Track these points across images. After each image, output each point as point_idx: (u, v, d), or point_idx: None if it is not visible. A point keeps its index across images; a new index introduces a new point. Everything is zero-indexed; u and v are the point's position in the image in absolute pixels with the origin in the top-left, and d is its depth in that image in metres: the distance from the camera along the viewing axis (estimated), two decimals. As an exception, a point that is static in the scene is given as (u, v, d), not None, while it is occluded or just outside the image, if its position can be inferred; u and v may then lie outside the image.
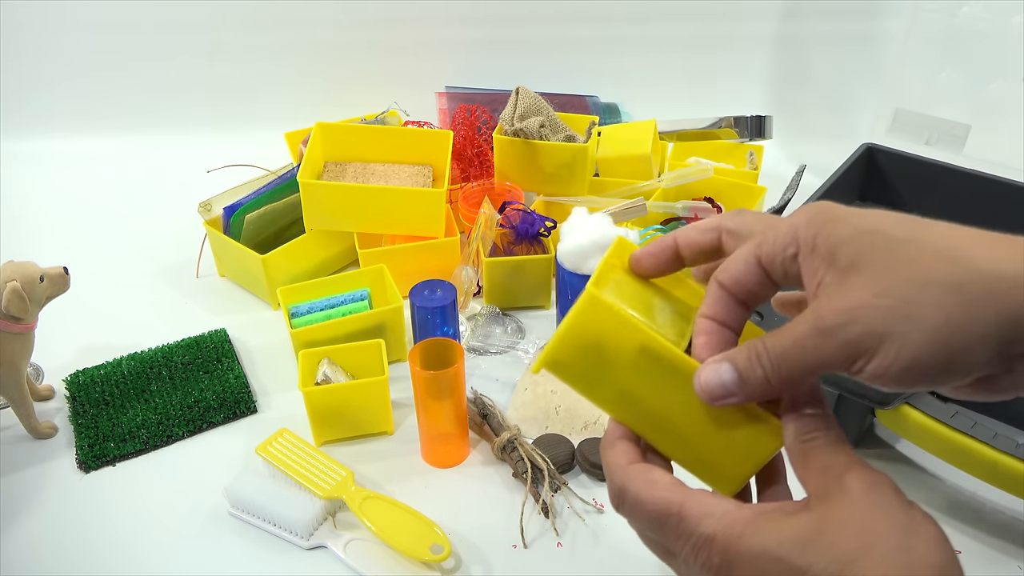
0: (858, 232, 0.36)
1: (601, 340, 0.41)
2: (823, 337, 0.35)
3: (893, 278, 0.34)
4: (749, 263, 0.39)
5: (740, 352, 0.38)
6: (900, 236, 0.35)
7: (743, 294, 0.40)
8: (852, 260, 0.35)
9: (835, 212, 0.37)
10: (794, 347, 0.36)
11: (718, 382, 0.38)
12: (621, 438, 0.42)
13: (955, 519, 0.69)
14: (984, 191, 1.01)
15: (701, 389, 0.38)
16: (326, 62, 1.34)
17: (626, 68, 1.37)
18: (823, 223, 0.37)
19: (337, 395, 0.75)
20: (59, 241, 1.10)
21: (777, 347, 0.36)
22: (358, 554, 0.66)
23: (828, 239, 0.36)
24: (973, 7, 1.13)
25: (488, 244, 0.92)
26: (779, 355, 0.36)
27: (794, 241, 0.37)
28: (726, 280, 0.40)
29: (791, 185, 0.95)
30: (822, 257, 0.36)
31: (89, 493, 0.73)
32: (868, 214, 0.37)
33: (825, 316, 0.35)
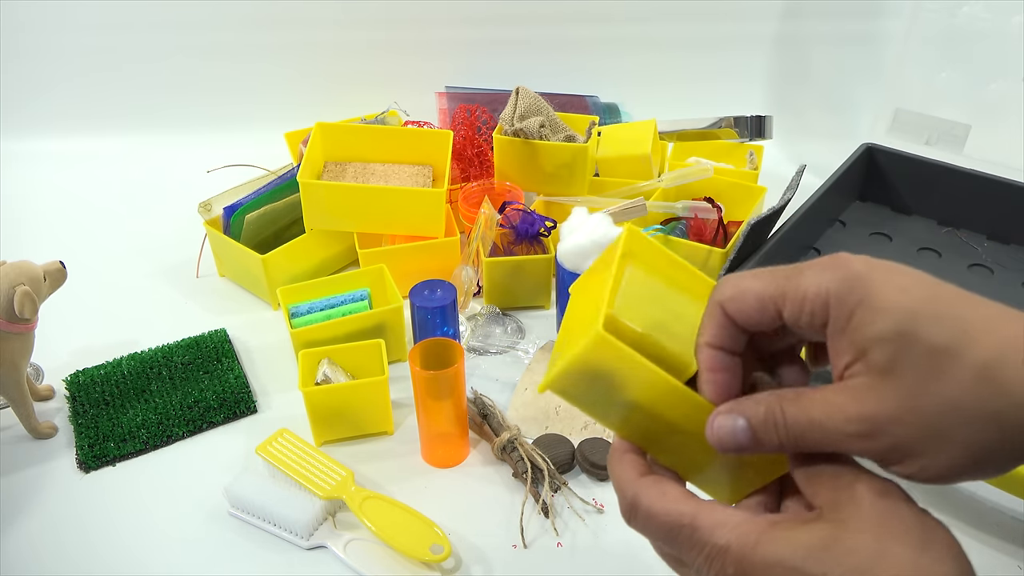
0: (896, 333, 0.33)
1: (608, 373, 0.40)
2: (850, 440, 0.34)
3: (928, 396, 0.33)
4: (765, 306, 0.37)
5: (758, 410, 0.36)
6: (940, 344, 0.32)
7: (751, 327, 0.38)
8: (887, 365, 0.33)
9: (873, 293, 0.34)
10: (816, 431, 0.35)
11: (731, 436, 0.37)
12: (628, 451, 0.41)
13: (955, 519, 0.69)
14: (984, 191, 1.00)
15: (713, 438, 0.37)
16: (326, 62, 1.34)
17: (626, 68, 1.37)
18: (858, 303, 0.34)
19: (337, 395, 0.75)
20: (59, 241, 1.10)
21: (799, 424, 0.35)
22: (358, 554, 0.66)
23: (863, 331, 0.34)
24: (973, 7, 1.13)
25: (488, 244, 0.92)
26: (799, 433, 0.35)
27: (824, 311, 0.35)
28: (732, 310, 0.38)
29: (791, 185, 0.94)
30: (854, 346, 0.34)
31: (89, 493, 0.73)
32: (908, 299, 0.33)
33: (852, 420, 0.34)
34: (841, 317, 0.34)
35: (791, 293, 0.36)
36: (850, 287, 0.34)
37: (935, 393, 0.32)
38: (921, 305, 0.33)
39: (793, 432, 0.35)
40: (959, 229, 1.04)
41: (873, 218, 1.07)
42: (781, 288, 0.36)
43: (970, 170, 1.02)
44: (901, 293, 0.34)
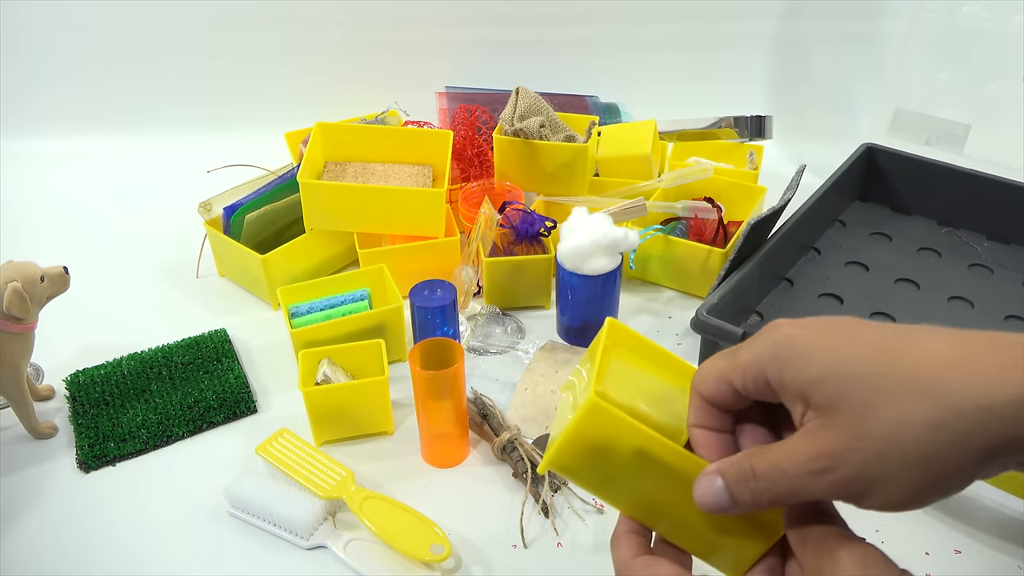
0: (826, 373, 0.35)
1: (605, 443, 0.41)
2: (812, 478, 0.35)
3: (871, 420, 0.34)
4: (721, 385, 0.40)
5: (731, 469, 0.38)
6: (869, 371, 0.35)
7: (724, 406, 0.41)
8: (828, 402, 0.35)
9: (798, 346, 0.37)
10: (784, 479, 0.36)
11: (712, 498, 0.38)
12: (627, 532, 0.43)
13: (955, 519, 0.69)
14: (984, 191, 1.01)
15: (698, 499, 0.39)
16: (326, 62, 1.34)
17: (626, 68, 1.37)
18: (788, 360, 0.37)
19: (337, 395, 0.75)
20: (59, 241, 1.10)
21: (766, 475, 0.37)
22: (358, 554, 0.66)
23: (796, 379, 0.36)
24: (973, 7, 1.13)
25: (488, 244, 0.92)
26: (769, 484, 0.37)
27: (763, 375, 0.38)
28: (704, 393, 0.41)
29: (791, 185, 0.94)
30: (796, 396, 0.36)
31: (89, 493, 0.73)
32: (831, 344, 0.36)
33: (811, 461, 0.35)
34: (776, 376, 0.37)
35: (733, 370, 0.39)
36: (776, 348, 0.37)
37: (878, 418, 0.34)
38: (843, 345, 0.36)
39: (763, 484, 0.37)
40: (959, 229, 1.04)
41: (873, 218, 1.07)
42: (728, 363, 0.40)
43: (970, 170, 1.02)
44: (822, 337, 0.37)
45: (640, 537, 0.43)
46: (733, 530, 0.42)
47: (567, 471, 0.43)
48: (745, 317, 0.90)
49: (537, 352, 0.87)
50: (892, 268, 0.97)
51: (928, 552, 0.66)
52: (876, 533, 0.68)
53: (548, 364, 0.85)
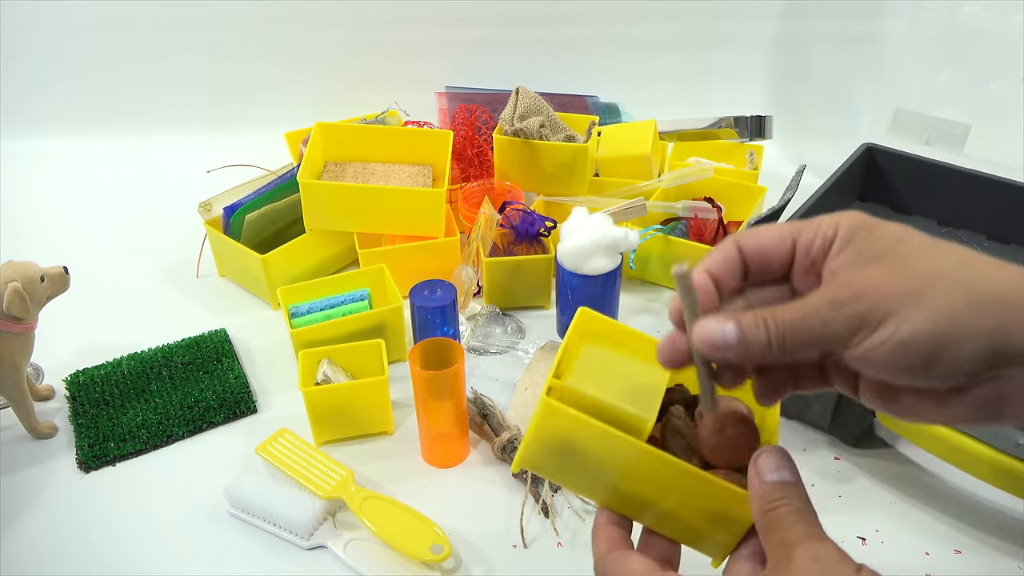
0: (887, 235, 0.39)
1: (566, 440, 0.42)
2: (833, 309, 0.38)
3: (909, 269, 0.37)
4: (783, 238, 0.42)
5: (746, 314, 0.40)
6: (922, 243, 0.39)
7: (756, 265, 0.42)
8: (875, 253, 0.39)
9: (873, 221, 0.41)
10: (804, 318, 0.38)
11: (720, 335, 0.39)
12: (606, 524, 0.44)
13: (955, 519, 0.69)
14: (984, 191, 1.01)
15: (700, 339, 0.40)
16: (326, 62, 1.34)
17: (626, 68, 1.37)
18: (860, 228, 0.40)
19: (337, 395, 0.75)
20: (59, 241, 1.10)
21: (786, 315, 0.39)
22: (358, 554, 0.66)
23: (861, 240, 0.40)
24: (973, 7, 1.13)
25: (488, 244, 0.92)
26: (787, 322, 0.38)
27: (835, 236, 0.40)
28: (748, 245, 0.42)
29: (791, 185, 0.95)
30: (850, 252, 0.39)
31: (89, 493, 0.73)
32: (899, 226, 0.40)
33: (840, 292, 0.38)
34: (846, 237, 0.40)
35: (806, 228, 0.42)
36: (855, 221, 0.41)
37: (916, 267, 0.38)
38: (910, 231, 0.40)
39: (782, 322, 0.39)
40: (959, 229, 1.04)
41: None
42: (797, 226, 0.42)
43: (970, 170, 1.02)
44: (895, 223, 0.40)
45: (619, 529, 0.44)
46: (705, 516, 0.42)
47: (538, 469, 0.44)
48: (745, 317, 0.89)
49: (537, 352, 0.87)
50: (892, 268, 0.97)
51: (928, 552, 0.66)
52: (876, 533, 0.68)
53: (548, 364, 0.85)
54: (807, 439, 0.77)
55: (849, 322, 0.37)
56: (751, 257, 0.42)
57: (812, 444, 0.76)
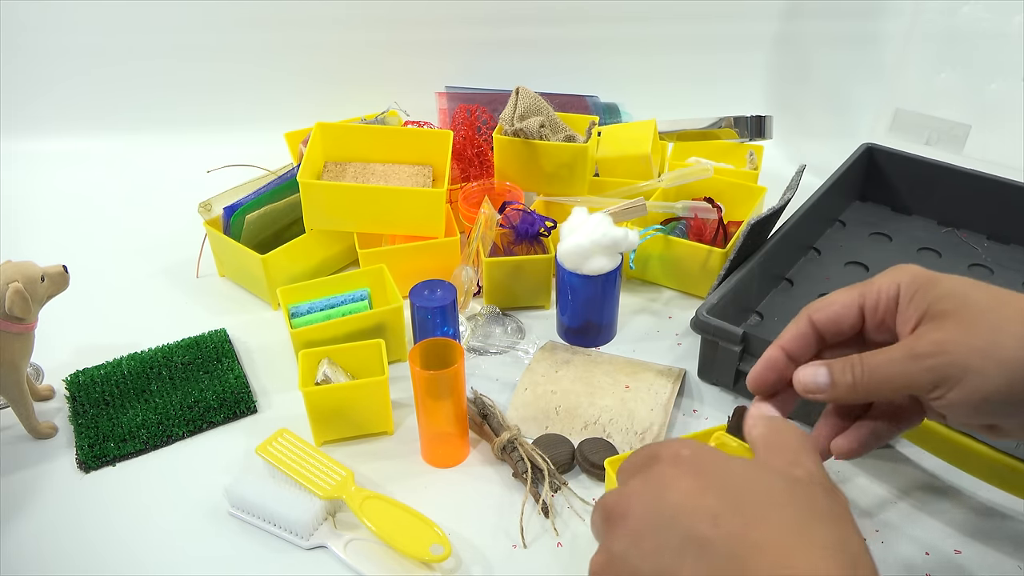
0: (951, 292, 0.44)
1: None
2: (914, 360, 0.43)
3: (979, 325, 0.43)
4: (849, 307, 0.48)
5: (836, 361, 0.46)
6: (983, 298, 0.44)
7: (830, 335, 0.48)
8: (946, 311, 0.44)
9: (931, 275, 0.46)
10: (886, 365, 0.44)
11: (812, 380, 0.46)
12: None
13: (955, 519, 0.69)
14: (984, 191, 1.01)
15: (797, 383, 0.47)
16: (326, 62, 1.34)
17: (626, 68, 1.37)
18: (922, 283, 0.45)
19: (337, 395, 0.75)
20: (59, 241, 1.10)
21: (871, 361, 0.45)
22: (358, 554, 0.66)
23: (926, 295, 0.45)
24: (973, 7, 1.13)
25: (488, 244, 0.92)
26: (871, 368, 0.45)
27: (897, 294, 0.46)
28: (820, 319, 0.48)
29: (791, 185, 0.94)
30: (919, 308, 0.45)
31: (89, 493, 0.73)
32: (958, 280, 0.46)
33: (919, 347, 0.44)
34: (909, 293, 0.46)
35: (869, 292, 0.47)
36: (914, 276, 0.46)
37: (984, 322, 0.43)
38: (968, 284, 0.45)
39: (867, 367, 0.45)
40: (959, 229, 1.04)
41: (873, 218, 1.07)
42: (861, 291, 0.48)
43: (970, 170, 1.02)
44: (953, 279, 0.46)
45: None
46: None
47: None
48: (745, 317, 0.89)
49: (537, 352, 0.87)
50: (892, 268, 0.97)
51: (928, 552, 0.66)
52: (876, 533, 0.68)
53: (548, 364, 0.85)
54: (807, 439, 0.77)
55: (929, 375, 0.43)
56: (825, 327, 0.48)
57: (812, 444, 0.76)
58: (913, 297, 0.45)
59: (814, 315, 0.48)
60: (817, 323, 0.48)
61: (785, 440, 0.42)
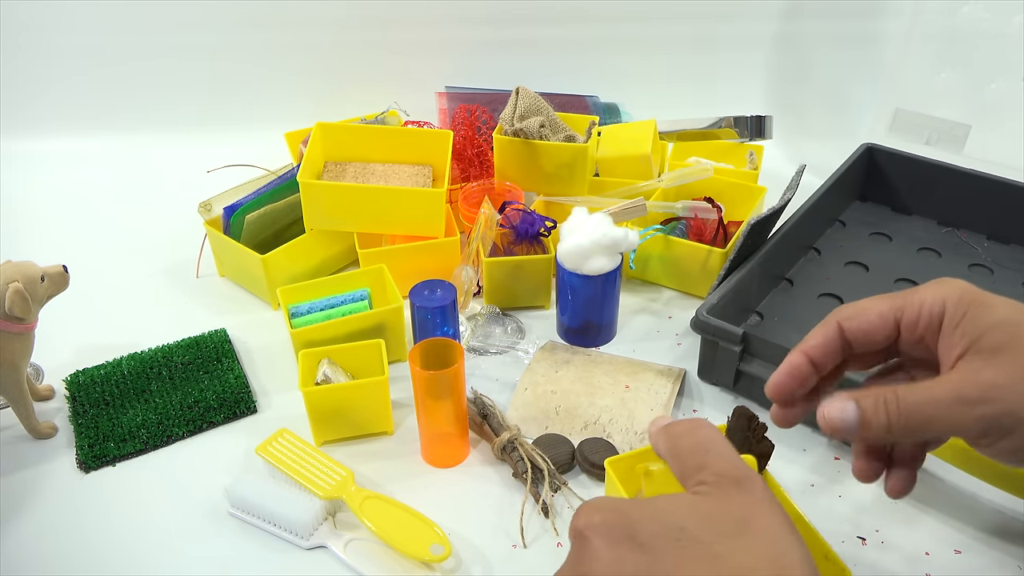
0: (1005, 321, 0.40)
1: None
2: (963, 406, 0.38)
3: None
4: (885, 319, 0.43)
5: (867, 395, 0.41)
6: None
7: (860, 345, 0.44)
8: (998, 344, 0.39)
9: (981, 296, 0.41)
10: (929, 406, 0.39)
11: (839, 417, 0.41)
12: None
13: (955, 519, 0.69)
14: (984, 191, 1.01)
15: (824, 422, 0.41)
16: (326, 62, 1.34)
17: (626, 68, 1.37)
18: (971, 303, 0.41)
19: (337, 395, 0.75)
20: (59, 241, 1.10)
21: (910, 400, 0.39)
22: (358, 554, 0.66)
23: (976, 320, 0.40)
24: (973, 7, 1.13)
25: (488, 244, 0.92)
26: (910, 408, 0.39)
27: (942, 312, 0.41)
28: (852, 328, 0.44)
29: (791, 185, 0.94)
30: (967, 335, 0.40)
31: (89, 493, 0.73)
32: (1012, 305, 0.41)
33: (967, 389, 0.39)
34: (957, 315, 0.41)
35: (909, 305, 0.42)
36: (963, 294, 0.41)
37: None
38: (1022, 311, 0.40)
39: (905, 407, 0.39)
40: (959, 229, 1.04)
41: (873, 218, 1.07)
42: (899, 303, 0.43)
43: (970, 170, 1.02)
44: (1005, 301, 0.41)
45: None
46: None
47: None
48: (745, 317, 0.90)
49: (537, 352, 0.87)
50: (892, 268, 0.97)
51: (928, 552, 0.66)
52: (876, 533, 0.68)
53: (548, 364, 0.85)
54: (807, 439, 0.77)
55: (980, 423, 0.38)
56: (856, 337, 0.44)
57: (812, 444, 0.76)
58: (961, 322, 0.40)
59: (845, 323, 0.44)
60: (848, 331, 0.44)
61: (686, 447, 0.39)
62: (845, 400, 0.41)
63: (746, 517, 0.35)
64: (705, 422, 0.40)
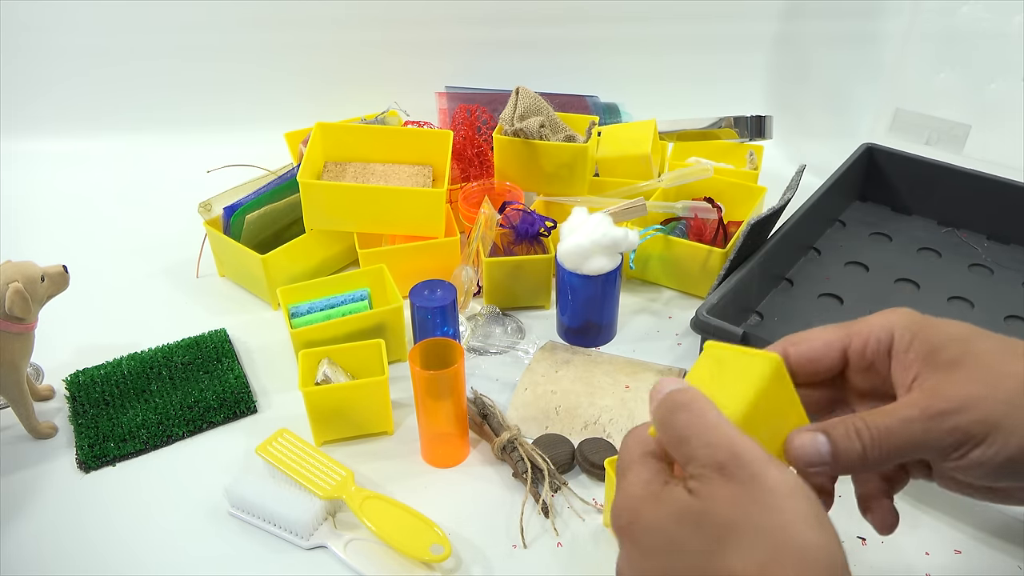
0: (954, 337, 0.40)
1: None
2: (934, 421, 0.38)
3: (998, 377, 0.38)
4: (831, 347, 0.42)
5: (837, 425, 0.40)
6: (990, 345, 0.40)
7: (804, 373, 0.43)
8: (953, 359, 0.39)
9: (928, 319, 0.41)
10: (901, 427, 0.38)
11: (812, 450, 0.39)
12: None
13: (955, 519, 0.69)
14: (984, 191, 1.01)
15: (793, 456, 0.40)
16: (326, 62, 1.34)
17: (626, 68, 1.37)
18: (920, 325, 0.41)
19: (337, 395, 0.75)
20: (59, 241, 1.10)
21: (881, 425, 0.39)
22: (358, 554, 0.66)
23: (926, 340, 0.40)
24: (973, 7, 1.13)
25: (488, 244, 0.92)
26: (882, 433, 0.38)
27: (890, 337, 0.41)
28: (795, 353, 0.43)
29: (791, 185, 0.94)
30: (920, 354, 0.40)
31: (89, 493, 0.73)
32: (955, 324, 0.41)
33: (935, 403, 0.38)
34: (906, 337, 0.41)
35: (856, 333, 0.42)
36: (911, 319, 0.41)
37: (1003, 373, 0.38)
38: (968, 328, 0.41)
39: (877, 433, 0.38)
40: (959, 229, 1.04)
41: (873, 218, 1.07)
42: (846, 332, 0.43)
43: (970, 170, 1.02)
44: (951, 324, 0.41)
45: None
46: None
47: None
48: (745, 317, 0.90)
49: (537, 352, 0.87)
50: (892, 268, 0.97)
51: (928, 552, 0.66)
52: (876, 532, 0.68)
53: (548, 364, 0.85)
54: (807, 439, 0.77)
55: (953, 434, 0.38)
56: (798, 364, 0.43)
57: (812, 444, 0.76)
58: (912, 343, 0.40)
59: (791, 349, 0.43)
60: (792, 357, 0.43)
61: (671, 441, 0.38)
62: (815, 432, 0.39)
63: (732, 520, 0.34)
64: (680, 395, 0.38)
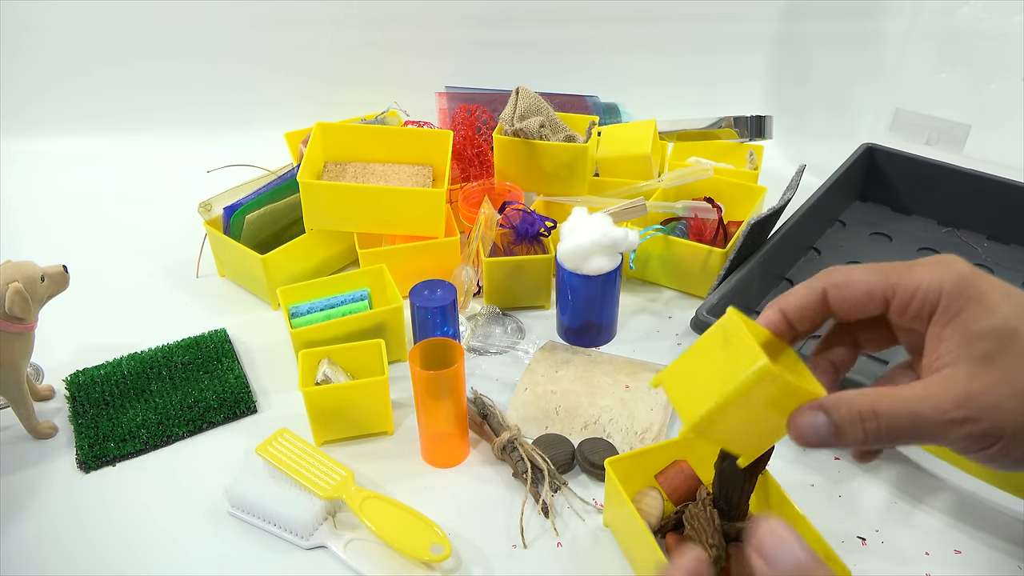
0: (999, 330, 0.37)
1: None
2: (949, 426, 0.37)
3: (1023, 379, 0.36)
4: (874, 296, 0.41)
5: (839, 406, 0.38)
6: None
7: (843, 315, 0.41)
8: (989, 355, 0.37)
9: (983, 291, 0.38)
10: (911, 423, 0.37)
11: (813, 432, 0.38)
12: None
13: (955, 519, 0.69)
14: (984, 191, 1.01)
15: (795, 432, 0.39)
16: (326, 62, 1.34)
17: (626, 68, 1.37)
18: (968, 299, 0.38)
19: (337, 395, 0.75)
20: (59, 241, 1.10)
21: (889, 415, 0.37)
22: (358, 554, 0.66)
23: (970, 323, 0.37)
24: (973, 7, 1.13)
25: (488, 244, 0.92)
26: (889, 423, 0.37)
27: (934, 303, 0.38)
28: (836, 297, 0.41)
29: (791, 185, 0.95)
30: (959, 334, 0.38)
31: (89, 493, 0.73)
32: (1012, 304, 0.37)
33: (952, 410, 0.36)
34: (951, 309, 0.38)
35: (902, 285, 0.39)
36: (962, 284, 0.38)
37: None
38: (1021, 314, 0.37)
39: (884, 423, 0.37)
40: (959, 229, 1.04)
41: (873, 218, 1.07)
42: (892, 281, 0.40)
43: (970, 170, 1.02)
44: (1007, 297, 0.37)
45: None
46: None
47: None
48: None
49: (537, 352, 0.87)
50: (892, 268, 0.97)
51: (928, 552, 0.66)
52: (876, 533, 0.68)
53: (548, 364, 0.85)
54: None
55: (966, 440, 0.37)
56: (838, 307, 0.42)
57: (812, 444, 0.76)
58: (953, 320, 0.38)
59: (831, 291, 0.42)
60: (832, 301, 0.42)
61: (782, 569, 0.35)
62: (816, 413, 0.38)
63: None
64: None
